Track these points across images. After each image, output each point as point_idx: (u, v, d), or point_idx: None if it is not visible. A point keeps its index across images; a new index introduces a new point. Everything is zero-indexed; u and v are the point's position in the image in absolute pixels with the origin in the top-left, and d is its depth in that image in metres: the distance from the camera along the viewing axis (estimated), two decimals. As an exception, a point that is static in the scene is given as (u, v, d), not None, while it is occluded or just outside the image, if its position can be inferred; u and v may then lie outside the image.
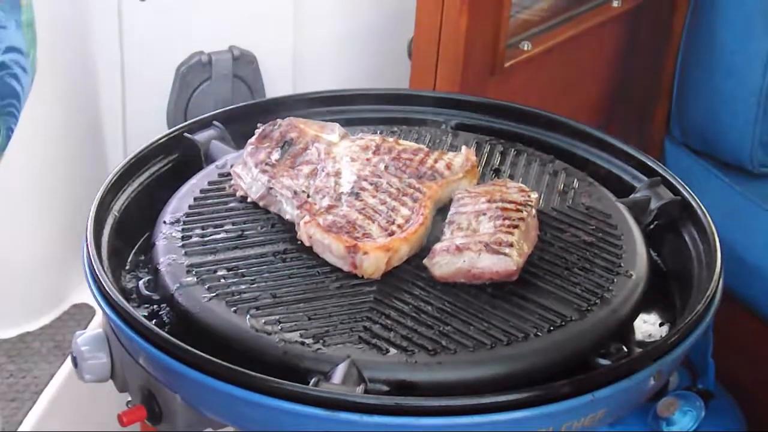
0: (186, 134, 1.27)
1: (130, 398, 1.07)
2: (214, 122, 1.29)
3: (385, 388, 0.93)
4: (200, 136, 1.27)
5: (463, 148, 1.21)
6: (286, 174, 1.13)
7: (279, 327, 0.97)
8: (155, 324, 1.00)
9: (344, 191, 1.10)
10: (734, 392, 1.93)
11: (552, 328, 0.99)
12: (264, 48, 1.84)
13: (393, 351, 0.95)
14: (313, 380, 0.91)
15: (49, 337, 1.80)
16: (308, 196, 1.09)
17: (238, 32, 1.83)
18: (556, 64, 1.84)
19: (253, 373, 0.90)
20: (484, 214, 1.08)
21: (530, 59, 1.76)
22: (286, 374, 0.92)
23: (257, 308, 1.00)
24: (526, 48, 1.77)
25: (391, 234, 1.06)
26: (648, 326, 1.09)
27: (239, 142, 1.26)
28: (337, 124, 1.23)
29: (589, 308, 1.02)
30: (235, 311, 0.99)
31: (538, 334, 0.98)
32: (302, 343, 0.95)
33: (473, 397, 0.90)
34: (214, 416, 0.99)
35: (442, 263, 1.04)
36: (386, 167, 1.15)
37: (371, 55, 1.90)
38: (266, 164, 1.16)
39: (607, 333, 1.01)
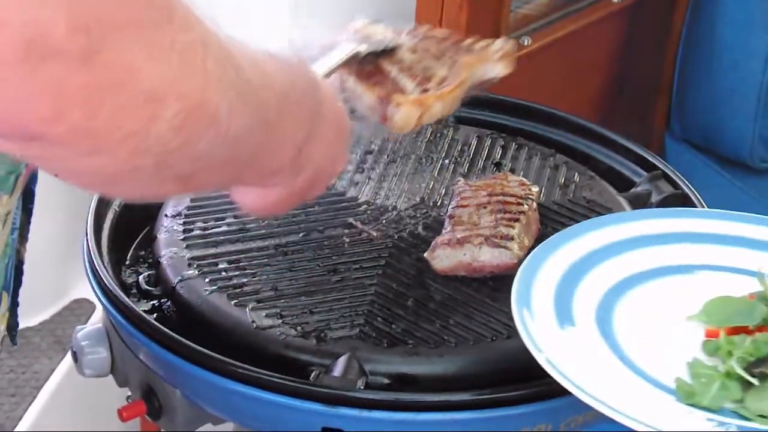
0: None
1: (130, 393, 1.06)
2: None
3: (386, 381, 0.92)
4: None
5: (498, 40, 1.12)
6: None
7: (280, 320, 0.97)
8: (155, 319, 1.00)
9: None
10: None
11: (553, 321, 0.99)
12: (260, 40, 1.83)
13: (394, 344, 0.95)
14: (314, 373, 0.91)
15: (49, 333, 1.80)
16: None
17: (236, 23, 1.82)
18: (556, 60, 1.84)
19: (253, 368, 0.90)
20: (485, 207, 1.08)
21: (530, 54, 1.76)
22: (288, 367, 0.92)
23: (258, 301, 1.00)
24: (526, 43, 1.76)
25: (425, 91, 1.01)
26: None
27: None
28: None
29: (590, 302, 1.02)
30: (236, 304, 0.99)
31: (540, 327, 0.98)
32: (303, 336, 0.95)
33: (472, 393, 0.90)
34: (214, 411, 0.99)
35: (443, 257, 1.03)
36: (422, 39, 1.09)
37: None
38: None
39: (609, 326, 1.01)
